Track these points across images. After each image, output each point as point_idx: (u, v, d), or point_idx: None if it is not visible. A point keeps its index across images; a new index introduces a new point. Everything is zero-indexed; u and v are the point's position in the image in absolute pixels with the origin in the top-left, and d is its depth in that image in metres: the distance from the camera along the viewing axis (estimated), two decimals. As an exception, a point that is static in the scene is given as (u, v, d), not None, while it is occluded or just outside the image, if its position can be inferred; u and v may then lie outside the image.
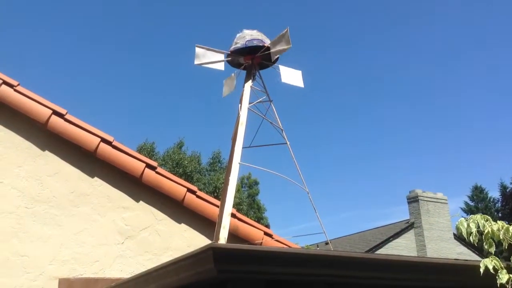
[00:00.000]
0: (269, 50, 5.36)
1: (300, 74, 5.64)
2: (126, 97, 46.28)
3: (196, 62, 5.41)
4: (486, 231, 3.41)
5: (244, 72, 5.57)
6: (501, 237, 3.43)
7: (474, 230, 3.41)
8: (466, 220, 3.48)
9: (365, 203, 53.89)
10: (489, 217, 3.48)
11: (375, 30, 49.51)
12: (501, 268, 3.33)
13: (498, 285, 3.29)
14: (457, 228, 3.50)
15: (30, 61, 41.30)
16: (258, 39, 5.36)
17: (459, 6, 48.03)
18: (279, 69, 5.55)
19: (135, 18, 45.95)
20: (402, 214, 50.79)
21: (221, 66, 5.46)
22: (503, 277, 3.27)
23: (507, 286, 3.27)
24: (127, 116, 44.93)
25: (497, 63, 50.37)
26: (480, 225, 3.42)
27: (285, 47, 5.28)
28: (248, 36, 5.38)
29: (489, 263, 3.33)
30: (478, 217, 3.46)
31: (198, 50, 5.43)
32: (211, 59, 5.45)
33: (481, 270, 3.31)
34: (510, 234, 3.41)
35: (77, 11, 43.62)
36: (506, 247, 3.45)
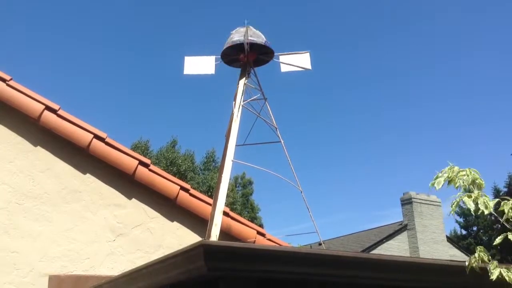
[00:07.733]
0: (264, 47, 5.37)
1: (308, 56, 5.61)
2: (121, 95, 46.17)
3: (186, 71, 5.59)
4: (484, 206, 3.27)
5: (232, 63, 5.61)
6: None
7: (484, 204, 3.23)
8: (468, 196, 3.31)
9: (359, 204, 54.01)
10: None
11: (373, 31, 49.63)
12: (488, 261, 3.25)
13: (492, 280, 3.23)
14: (465, 203, 3.29)
15: (25, 59, 41.15)
16: (253, 36, 5.34)
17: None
18: (279, 59, 5.56)
19: (132, 17, 45.89)
20: (395, 216, 50.91)
21: (211, 70, 5.60)
22: (494, 271, 3.22)
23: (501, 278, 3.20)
24: (121, 114, 44.81)
25: (496, 64, 50.56)
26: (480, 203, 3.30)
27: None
28: (243, 32, 5.36)
29: (474, 261, 3.28)
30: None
31: (187, 60, 5.65)
32: (202, 64, 5.56)
33: (467, 270, 3.28)
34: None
35: (74, 9, 43.50)
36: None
